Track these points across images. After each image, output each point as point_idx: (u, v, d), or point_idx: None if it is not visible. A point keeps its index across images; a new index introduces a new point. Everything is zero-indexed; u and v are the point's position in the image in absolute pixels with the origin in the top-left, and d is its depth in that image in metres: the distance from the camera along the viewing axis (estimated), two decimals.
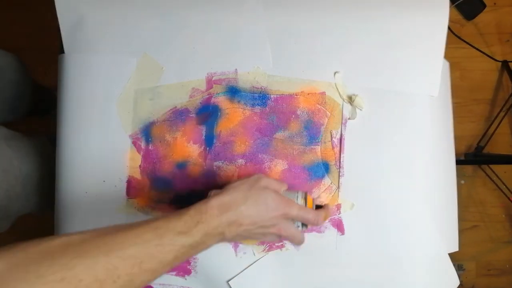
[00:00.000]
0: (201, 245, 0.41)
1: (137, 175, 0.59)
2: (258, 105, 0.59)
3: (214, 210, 0.42)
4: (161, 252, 0.38)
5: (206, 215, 0.42)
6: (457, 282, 0.60)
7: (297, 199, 0.50)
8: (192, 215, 0.41)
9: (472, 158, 1.25)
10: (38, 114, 1.03)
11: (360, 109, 0.58)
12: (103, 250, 0.35)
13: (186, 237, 0.39)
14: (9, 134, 0.69)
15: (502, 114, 1.23)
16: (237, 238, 0.45)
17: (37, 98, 0.94)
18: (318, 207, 0.53)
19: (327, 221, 0.58)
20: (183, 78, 0.59)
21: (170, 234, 0.39)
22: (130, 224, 0.39)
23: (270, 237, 0.48)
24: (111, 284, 0.34)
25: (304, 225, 0.50)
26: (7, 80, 0.78)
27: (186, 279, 0.59)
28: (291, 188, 0.52)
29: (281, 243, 0.58)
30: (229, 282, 0.58)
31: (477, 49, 1.17)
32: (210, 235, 0.42)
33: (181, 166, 0.59)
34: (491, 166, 1.24)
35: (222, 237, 0.43)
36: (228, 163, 0.59)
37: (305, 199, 0.50)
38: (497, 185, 1.24)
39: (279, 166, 0.58)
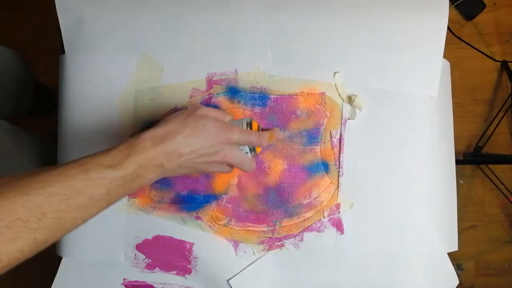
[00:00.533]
0: (138, 178, 0.40)
1: None
2: (258, 105, 0.59)
3: (147, 142, 0.40)
4: (89, 186, 0.36)
5: (138, 147, 0.40)
6: (456, 282, 0.61)
7: (242, 126, 0.48)
8: (121, 149, 0.40)
9: (471, 158, 1.25)
10: (40, 114, 1.03)
11: (360, 109, 0.58)
12: (24, 190, 0.34)
13: (116, 170, 0.38)
14: (12, 129, 0.69)
15: (501, 114, 1.23)
16: (181, 170, 0.44)
17: (39, 97, 0.94)
18: (265, 130, 0.50)
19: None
20: (183, 79, 0.59)
21: (98, 168, 0.37)
22: (57, 165, 0.37)
23: (218, 167, 0.46)
24: (36, 222, 0.33)
25: (252, 150, 0.48)
26: (10, 77, 0.78)
27: (186, 278, 0.59)
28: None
29: (281, 242, 0.59)
30: (229, 281, 0.58)
31: (477, 49, 1.17)
32: (146, 167, 0.40)
33: None
34: (489, 166, 1.24)
35: (162, 169, 0.41)
36: None
37: (250, 124, 0.48)
38: (495, 185, 1.24)
39: (279, 166, 0.59)
